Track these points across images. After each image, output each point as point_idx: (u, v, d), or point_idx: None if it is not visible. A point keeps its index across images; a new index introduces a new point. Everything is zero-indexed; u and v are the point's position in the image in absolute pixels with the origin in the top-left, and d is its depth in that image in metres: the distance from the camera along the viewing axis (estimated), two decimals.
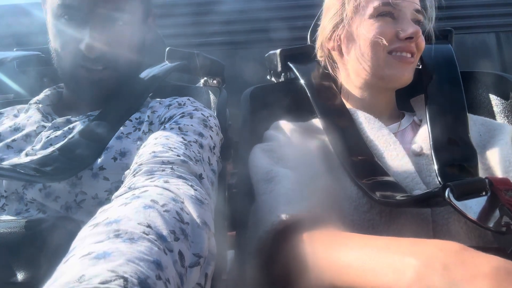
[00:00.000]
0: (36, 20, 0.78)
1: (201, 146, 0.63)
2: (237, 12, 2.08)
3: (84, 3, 0.67)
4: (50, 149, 0.64)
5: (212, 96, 0.96)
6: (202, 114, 0.71)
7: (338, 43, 0.81)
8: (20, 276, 0.42)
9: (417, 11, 0.76)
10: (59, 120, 0.73)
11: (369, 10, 0.74)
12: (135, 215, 0.38)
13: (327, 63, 0.87)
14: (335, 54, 0.84)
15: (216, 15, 2.05)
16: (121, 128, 0.70)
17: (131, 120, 0.72)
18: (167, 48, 0.95)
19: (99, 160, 0.63)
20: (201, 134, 0.66)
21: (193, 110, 0.71)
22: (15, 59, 0.95)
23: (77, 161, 0.61)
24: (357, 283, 0.46)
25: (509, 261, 0.38)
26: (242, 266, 0.66)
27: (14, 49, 0.97)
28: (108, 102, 0.76)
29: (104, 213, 0.39)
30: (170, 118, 0.70)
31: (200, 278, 0.43)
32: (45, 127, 0.72)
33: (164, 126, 0.67)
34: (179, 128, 0.65)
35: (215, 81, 1.04)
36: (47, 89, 0.84)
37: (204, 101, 0.93)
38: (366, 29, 0.74)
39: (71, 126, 0.70)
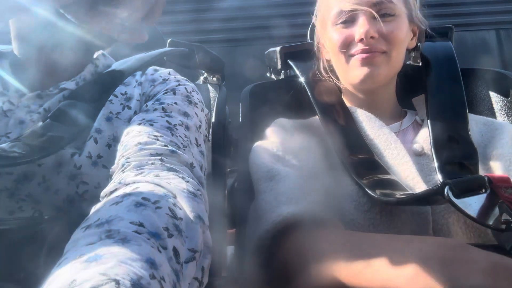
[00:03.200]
0: None
1: (187, 128, 0.61)
2: (237, 9, 2.08)
3: None
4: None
5: (211, 93, 0.96)
6: (185, 88, 0.68)
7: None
8: (19, 275, 0.42)
9: (376, 3, 0.71)
10: (27, 97, 0.63)
11: (331, 19, 0.75)
12: (127, 214, 0.37)
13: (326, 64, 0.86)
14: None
15: (216, 12, 2.05)
16: (109, 105, 0.65)
17: (116, 96, 0.67)
18: (169, 40, 0.95)
19: (93, 147, 0.59)
20: (186, 114, 0.63)
21: (176, 86, 0.68)
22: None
23: (52, 143, 0.55)
24: (357, 279, 0.47)
25: (506, 257, 0.39)
26: (242, 263, 0.67)
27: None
28: (83, 72, 0.68)
29: (96, 214, 0.39)
30: (154, 95, 0.67)
31: (197, 272, 0.43)
32: (12, 104, 0.62)
33: (147, 105, 0.64)
34: (163, 109, 0.62)
35: (214, 78, 1.04)
36: None
37: (203, 98, 0.93)
38: (329, 38, 0.76)
39: (46, 106, 0.63)
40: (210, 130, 0.87)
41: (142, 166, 0.50)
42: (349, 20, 0.73)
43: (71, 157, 0.58)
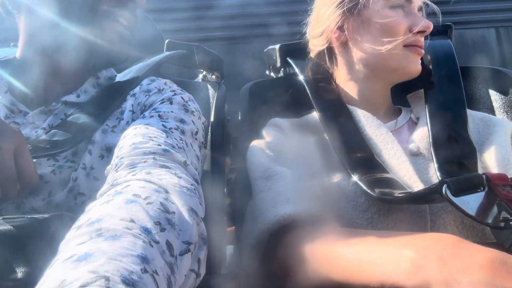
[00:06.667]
0: None
1: (182, 132, 0.62)
2: (236, 7, 2.07)
3: None
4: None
5: (211, 91, 0.96)
6: (181, 98, 0.69)
7: (345, 32, 0.79)
8: (20, 273, 0.42)
9: (420, 8, 0.77)
10: (32, 114, 0.65)
11: (383, 0, 0.74)
12: (117, 212, 0.37)
13: (326, 54, 0.85)
14: (336, 45, 0.82)
15: (215, 9, 2.05)
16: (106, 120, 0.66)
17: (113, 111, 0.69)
18: (166, 41, 0.95)
19: (88, 159, 0.61)
20: (182, 120, 0.64)
21: (173, 95, 0.68)
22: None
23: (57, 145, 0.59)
24: (355, 275, 0.47)
25: (504, 253, 0.39)
26: (241, 261, 0.67)
27: (11, 44, 0.97)
28: (84, 85, 0.70)
29: (87, 214, 0.39)
30: (150, 105, 0.68)
31: (193, 264, 0.43)
32: (17, 123, 0.65)
33: (144, 115, 0.64)
34: (159, 116, 0.63)
35: (214, 76, 1.04)
36: None
37: (203, 96, 0.93)
38: (381, 19, 0.73)
39: (49, 122, 0.65)
40: (209, 129, 0.87)
41: (134, 165, 0.50)
42: (405, 5, 0.74)
43: (69, 171, 0.60)
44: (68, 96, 0.68)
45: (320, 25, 0.83)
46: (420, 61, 0.76)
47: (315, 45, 0.86)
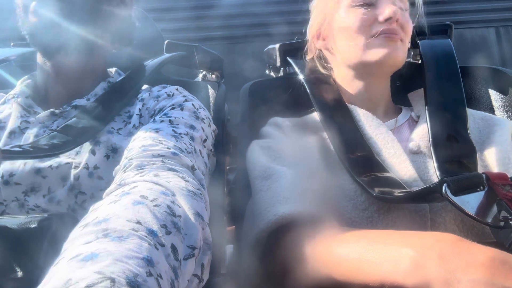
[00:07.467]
0: None
1: (192, 138, 0.63)
2: (236, 6, 2.07)
3: None
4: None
5: (210, 91, 0.96)
6: (192, 104, 0.70)
7: (325, 40, 0.82)
8: (20, 272, 0.42)
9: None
10: (43, 114, 0.69)
11: (347, 0, 0.75)
12: (124, 212, 0.37)
13: (318, 63, 0.87)
14: (326, 52, 0.85)
15: (215, 9, 2.05)
16: (112, 122, 0.68)
17: (120, 115, 0.70)
18: (166, 41, 0.95)
19: (91, 158, 0.62)
20: (192, 127, 0.65)
21: (184, 102, 0.70)
22: (16, 56, 0.94)
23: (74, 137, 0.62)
24: (355, 274, 0.47)
25: (504, 252, 0.39)
26: (241, 260, 0.67)
27: (11, 44, 0.97)
28: (95, 89, 0.73)
29: (94, 213, 0.39)
30: (160, 110, 0.69)
31: (197, 269, 0.43)
32: (28, 122, 0.68)
33: (154, 119, 0.66)
34: (170, 121, 0.64)
35: (213, 76, 1.04)
36: (22, 80, 0.76)
37: (202, 95, 0.93)
38: (346, 20, 0.75)
39: (58, 123, 0.68)
40: None
41: (143, 166, 0.51)
42: (369, 3, 0.74)
43: (71, 169, 0.61)
44: (79, 100, 0.71)
45: (309, 35, 0.88)
46: (399, 47, 0.73)
47: (307, 54, 0.90)
